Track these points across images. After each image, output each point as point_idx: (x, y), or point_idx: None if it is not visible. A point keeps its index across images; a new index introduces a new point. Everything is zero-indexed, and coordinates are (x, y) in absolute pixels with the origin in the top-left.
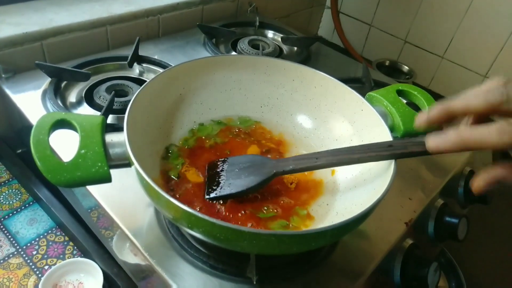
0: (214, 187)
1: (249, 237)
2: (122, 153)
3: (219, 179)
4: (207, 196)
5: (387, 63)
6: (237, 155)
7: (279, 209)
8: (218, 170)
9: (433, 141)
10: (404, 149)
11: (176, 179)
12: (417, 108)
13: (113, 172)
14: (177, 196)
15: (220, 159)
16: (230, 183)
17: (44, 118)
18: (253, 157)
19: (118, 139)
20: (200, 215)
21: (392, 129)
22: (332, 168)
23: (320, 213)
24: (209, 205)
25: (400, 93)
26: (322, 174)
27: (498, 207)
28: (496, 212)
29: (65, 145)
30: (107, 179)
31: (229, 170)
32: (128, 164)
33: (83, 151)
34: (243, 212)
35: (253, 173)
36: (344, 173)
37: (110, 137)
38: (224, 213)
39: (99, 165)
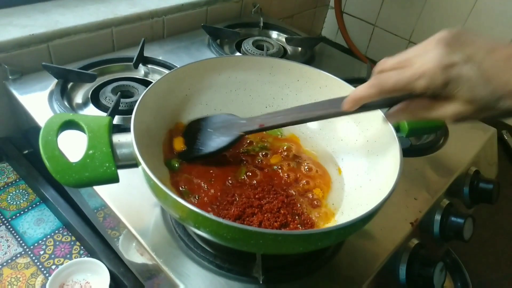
0: (189, 148)
1: (256, 237)
2: (129, 153)
3: (195, 140)
4: (181, 158)
5: None
6: (213, 115)
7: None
8: (195, 130)
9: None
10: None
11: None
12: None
13: (120, 172)
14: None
15: (199, 118)
16: (203, 143)
17: (52, 119)
18: (226, 116)
19: (125, 140)
20: (207, 214)
21: (397, 128)
22: (338, 167)
23: (326, 213)
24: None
25: None
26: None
27: (503, 207)
28: (502, 212)
29: (72, 146)
30: (115, 179)
31: (204, 130)
32: (135, 165)
33: (91, 151)
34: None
35: (224, 134)
36: (349, 173)
37: (117, 138)
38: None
39: (107, 165)
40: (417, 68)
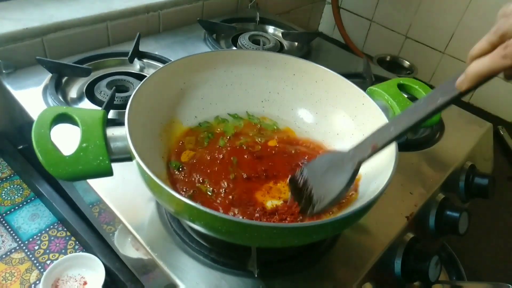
0: (308, 202)
1: (251, 230)
2: (124, 147)
3: (308, 192)
4: (303, 215)
5: (388, 58)
6: (312, 161)
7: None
8: (300, 182)
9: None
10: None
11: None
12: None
13: (114, 167)
14: (181, 191)
15: (297, 171)
16: (321, 192)
17: (45, 112)
18: (327, 156)
19: (120, 133)
20: (201, 208)
21: None
22: None
23: None
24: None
25: (401, 87)
26: None
27: (499, 201)
28: (497, 206)
29: (66, 139)
30: (109, 172)
31: (312, 178)
32: (129, 158)
33: (84, 144)
34: None
35: (338, 172)
36: None
37: (111, 131)
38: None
39: (101, 158)
40: None
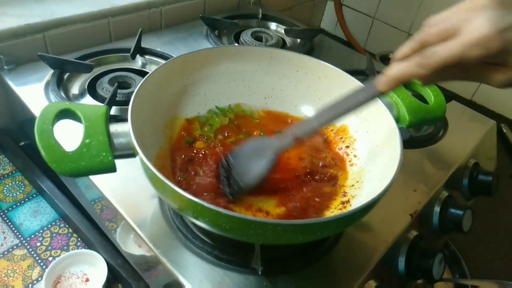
0: (229, 187)
1: (255, 227)
2: (127, 143)
3: (231, 178)
4: (230, 198)
5: (390, 55)
6: (239, 146)
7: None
8: (226, 168)
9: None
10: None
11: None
12: (423, 99)
13: (117, 164)
14: (184, 187)
15: (224, 157)
16: (243, 178)
17: (48, 108)
18: (253, 143)
19: (123, 129)
20: (205, 204)
21: (397, 119)
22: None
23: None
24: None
25: (405, 84)
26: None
27: (502, 199)
28: (500, 204)
29: (69, 135)
30: (112, 168)
31: (236, 165)
32: (133, 154)
33: (87, 140)
34: None
35: (258, 160)
36: (349, 163)
37: (115, 127)
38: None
39: (104, 154)
40: (468, 35)
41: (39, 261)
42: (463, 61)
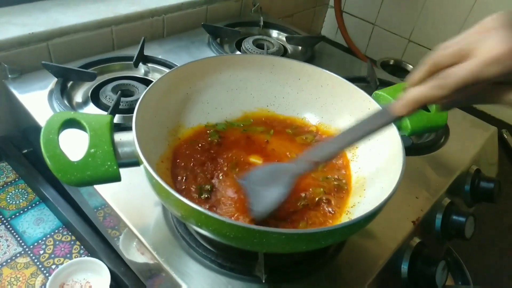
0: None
1: (259, 236)
2: (131, 152)
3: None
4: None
5: (391, 62)
6: (254, 170)
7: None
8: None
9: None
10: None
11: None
12: (424, 107)
13: (120, 171)
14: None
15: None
16: (255, 205)
17: (53, 117)
18: (267, 168)
19: (127, 138)
20: (209, 213)
21: (399, 128)
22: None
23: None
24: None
25: None
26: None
27: (505, 205)
28: (503, 210)
29: (73, 145)
30: (117, 178)
31: (250, 191)
32: (137, 163)
33: (92, 150)
34: None
35: (275, 184)
36: (351, 171)
37: (119, 136)
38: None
39: (109, 164)
40: (484, 54)
41: (42, 269)
42: (480, 80)
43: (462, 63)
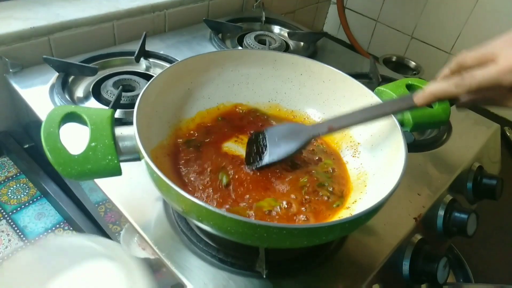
0: (255, 158)
1: (260, 230)
2: (132, 146)
3: (260, 150)
4: (248, 166)
5: (394, 58)
6: (275, 125)
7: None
8: (259, 140)
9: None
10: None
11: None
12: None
13: (121, 166)
14: (189, 189)
15: (260, 131)
16: (271, 152)
17: (54, 111)
18: (291, 125)
19: (128, 133)
20: (210, 207)
21: (402, 123)
22: (344, 160)
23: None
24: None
25: (409, 87)
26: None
27: (507, 202)
28: (505, 207)
29: (74, 139)
30: (117, 172)
31: (270, 139)
32: (138, 158)
33: (93, 144)
34: None
35: (292, 140)
36: (353, 167)
37: (120, 131)
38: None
39: (110, 158)
40: (504, 62)
41: None
42: (497, 85)
43: (483, 67)
